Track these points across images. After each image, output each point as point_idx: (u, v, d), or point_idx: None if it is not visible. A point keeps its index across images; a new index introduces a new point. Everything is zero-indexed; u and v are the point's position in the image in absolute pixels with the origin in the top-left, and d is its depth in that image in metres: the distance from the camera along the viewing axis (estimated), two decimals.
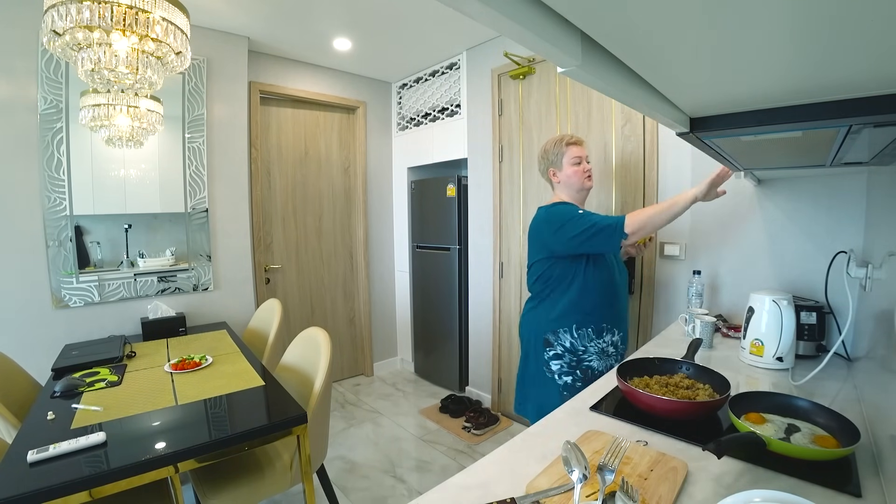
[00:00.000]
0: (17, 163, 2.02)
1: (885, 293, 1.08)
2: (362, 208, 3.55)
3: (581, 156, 1.65)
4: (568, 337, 1.59)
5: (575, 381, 1.59)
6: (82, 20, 1.24)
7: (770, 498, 0.57)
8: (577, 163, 1.64)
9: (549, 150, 1.68)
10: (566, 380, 1.60)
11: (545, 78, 2.50)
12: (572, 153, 1.64)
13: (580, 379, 1.59)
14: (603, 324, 1.60)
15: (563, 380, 1.60)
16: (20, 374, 1.79)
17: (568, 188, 1.67)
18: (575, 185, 1.65)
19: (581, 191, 1.67)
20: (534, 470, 0.80)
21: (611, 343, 1.62)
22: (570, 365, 1.60)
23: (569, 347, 1.59)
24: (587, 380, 1.57)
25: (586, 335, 1.59)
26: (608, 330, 1.61)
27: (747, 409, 0.96)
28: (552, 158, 1.67)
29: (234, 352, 2.01)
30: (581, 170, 1.64)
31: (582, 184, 1.65)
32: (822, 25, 0.36)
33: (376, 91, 3.58)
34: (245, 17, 2.43)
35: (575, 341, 1.59)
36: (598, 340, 1.60)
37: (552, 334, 1.62)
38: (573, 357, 1.59)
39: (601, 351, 1.60)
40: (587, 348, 1.59)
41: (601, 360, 1.61)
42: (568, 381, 1.60)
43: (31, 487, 1.00)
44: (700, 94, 0.61)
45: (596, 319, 1.60)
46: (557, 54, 0.43)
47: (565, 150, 1.65)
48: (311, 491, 1.47)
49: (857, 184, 1.43)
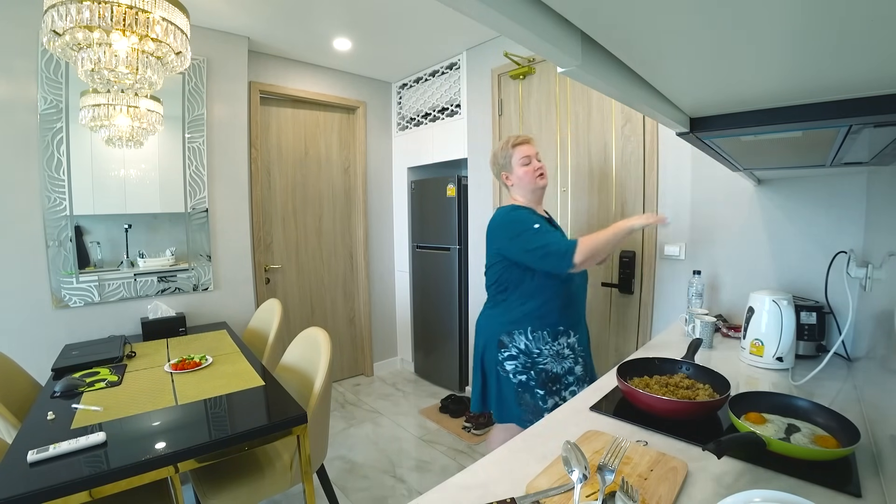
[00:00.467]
0: (17, 163, 2.02)
1: (885, 293, 1.08)
2: (362, 208, 3.55)
3: (530, 154, 1.62)
4: (523, 339, 1.58)
5: (529, 381, 1.59)
6: (82, 20, 1.24)
7: (770, 498, 0.57)
8: (526, 163, 1.61)
9: (498, 154, 1.67)
10: (521, 378, 1.59)
11: (545, 78, 2.50)
12: (520, 153, 1.62)
13: (534, 379, 1.58)
14: (559, 327, 1.59)
15: (517, 378, 1.59)
16: (20, 374, 1.79)
17: (522, 189, 1.65)
18: (527, 185, 1.63)
19: (535, 190, 1.64)
20: (534, 470, 0.80)
21: (566, 345, 1.60)
22: (525, 366, 1.58)
23: (523, 349, 1.58)
24: (542, 381, 1.58)
25: (541, 338, 1.57)
26: (564, 333, 1.60)
27: (747, 409, 0.96)
28: (502, 162, 1.65)
29: (234, 352, 2.00)
30: (531, 169, 1.62)
31: (534, 183, 1.62)
32: (822, 26, 0.36)
33: (376, 91, 3.58)
34: (245, 17, 2.43)
35: (530, 343, 1.57)
36: (553, 343, 1.58)
37: (507, 336, 1.60)
38: (528, 359, 1.58)
39: (556, 354, 1.59)
40: (542, 351, 1.57)
41: (557, 362, 1.59)
42: (522, 379, 1.59)
43: (31, 487, 1.00)
44: (700, 94, 0.61)
45: (552, 323, 1.58)
46: (557, 54, 0.43)
47: (513, 152, 1.62)
48: (311, 491, 1.47)
49: (857, 184, 1.43)
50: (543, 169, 1.64)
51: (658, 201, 2.04)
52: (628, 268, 2.14)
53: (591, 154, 2.30)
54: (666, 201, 2.02)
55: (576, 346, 1.62)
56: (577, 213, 2.39)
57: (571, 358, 1.61)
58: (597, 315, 2.32)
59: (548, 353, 1.58)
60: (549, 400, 1.57)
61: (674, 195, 1.99)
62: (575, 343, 1.62)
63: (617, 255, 2.21)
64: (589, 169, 2.32)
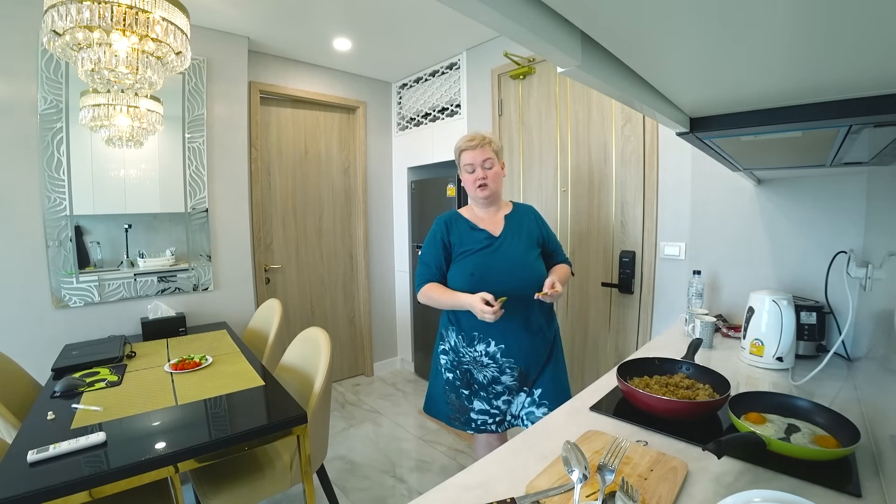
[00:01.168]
0: (17, 163, 2.02)
1: (885, 293, 1.08)
2: (362, 208, 3.55)
3: (474, 162, 1.52)
4: (453, 335, 1.58)
5: (455, 380, 1.57)
6: (82, 20, 1.24)
7: (770, 498, 0.57)
8: (469, 171, 1.54)
9: (455, 154, 1.60)
10: (448, 376, 1.59)
11: (545, 78, 2.50)
12: (464, 160, 1.54)
13: (459, 379, 1.57)
14: (473, 332, 1.53)
15: (446, 375, 1.59)
16: (20, 374, 1.79)
17: (468, 194, 1.61)
18: (470, 193, 1.59)
19: (475, 198, 1.58)
20: (534, 470, 0.80)
21: (485, 353, 1.52)
22: (453, 363, 1.58)
23: (452, 346, 1.59)
24: (466, 383, 1.56)
25: (462, 340, 1.56)
26: (480, 339, 1.53)
27: (747, 409, 0.96)
28: (456, 163, 1.60)
29: (234, 352, 2.00)
30: (472, 178, 1.53)
31: (474, 193, 1.55)
32: (823, 26, 0.36)
33: (376, 91, 3.58)
34: (245, 17, 2.43)
35: (458, 341, 1.57)
36: (469, 349, 1.55)
37: (444, 329, 1.63)
38: (455, 356, 1.58)
39: (474, 360, 1.54)
40: (464, 354, 1.56)
41: (477, 369, 1.55)
42: (450, 377, 1.58)
43: (31, 487, 1.00)
44: (700, 94, 0.61)
45: (466, 327, 1.54)
46: (557, 54, 0.43)
47: (459, 157, 1.56)
48: (311, 491, 1.47)
49: (857, 184, 1.43)
50: (486, 179, 1.52)
51: (658, 201, 2.04)
52: (628, 268, 2.14)
53: (591, 154, 2.30)
54: (666, 201, 2.02)
55: (498, 357, 1.51)
56: (577, 213, 2.39)
57: (494, 367, 1.53)
58: (597, 315, 2.32)
59: (468, 358, 1.55)
60: (476, 402, 1.55)
61: (674, 195, 1.99)
62: (497, 353, 1.51)
63: (617, 255, 2.21)
64: (589, 169, 2.32)
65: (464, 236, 1.55)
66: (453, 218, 1.61)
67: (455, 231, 1.57)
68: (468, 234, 1.56)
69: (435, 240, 1.57)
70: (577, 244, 2.40)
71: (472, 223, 1.58)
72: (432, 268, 1.56)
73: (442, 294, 1.50)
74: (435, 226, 1.61)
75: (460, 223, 1.59)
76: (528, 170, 2.63)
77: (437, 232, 1.58)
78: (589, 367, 2.37)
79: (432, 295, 1.52)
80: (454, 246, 1.56)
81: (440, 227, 1.59)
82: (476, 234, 1.55)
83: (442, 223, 1.59)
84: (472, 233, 1.56)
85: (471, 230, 1.57)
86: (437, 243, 1.56)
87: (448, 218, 1.61)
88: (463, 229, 1.57)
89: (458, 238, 1.55)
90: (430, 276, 1.56)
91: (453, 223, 1.59)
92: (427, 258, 1.58)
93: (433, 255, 1.56)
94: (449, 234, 1.56)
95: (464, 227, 1.58)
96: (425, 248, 1.60)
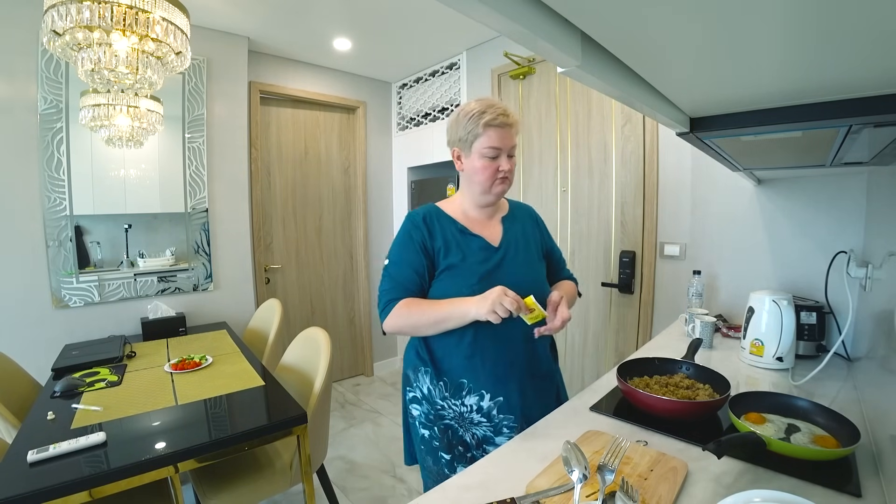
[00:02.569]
0: (17, 163, 2.02)
1: (885, 293, 1.08)
2: (362, 208, 3.55)
3: (501, 146, 1.08)
4: (427, 381, 1.13)
5: (433, 439, 1.12)
6: (82, 20, 1.24)
7: (770, 498, 0.57)
8: (491, 155, 1.09)
9: (461, 123, 1.10)
10: (424, 433, 1.14)
11: (545, 78, 2.50)
12: (488, 140, 1.07)
13: (438, 438, 1.11)
14: (461, 379, 1.11)
15: (421, 431, 1.15)
16: (20, 374, 1.79)
17: (470, 186, 1.15)
18: (478, 187, 1.12)
19: (485, 195, 1.14)
20: (534, 470, 0.80)
21: (476, 409, 1.10)
22: (428, 417, 1.13)
23: (426, 394, 1.14)
24: (448, 443, 1.11)
25: (442, 388, 1.12)
26: (472, 391, 1.10)
27: (747, 409, 0.96)
28: (461, 135, 1.11)
29: (234, 352, 2.01)
30: (494, 168, 1.09)
31: (489, 188, 1.12)
32: (822, 26, 0.36)
33: (376, 91, 3.58)
34: (245, 17, 2.43)
35: (434, 390, 1.13)
36: (453, 400, 1.11)
37: (412, 371, 1.17)
38: (430, 408, 1.13)
39: (460, 416, 1.11)
40: (445, 407, 1.12)
41: (463, 427, 1.11)
42: (425, 434, 1.13)
43: (31, 487, 1.00)
44: (700, 94, 0.61)
45: (449, 371, 1.11)
46: (557, 54, 0.43)
47: (482, 132, 1.07)
48: (311, 491, 1.47)
49: (857, 184, 1.43)
50: (510, 172, 1.12)
51: (658, 201, 2.04)
52: (628, 268, 2.14)
53: (591, 154, 2.30)
54: (666, 201, 2.02)
55: (494, 413, 1.11)
56: (577, 213, 2.39)
57: (487, 426, 1.11)
58: (597, 315, 2.33)
59: (451, 413, 1.12)
60: (460, 467, 1.10)
61: (674, 195, 1.99)
62: (493, 409, 1.11)
63: (617, 255, 2.21)
64: (589, 169, 2.32)
65: (451, 242, 1.12)
66: (433, 215, 1.16)
67: (439, 233, 1.13)
68: (458, 239, 1.13)
69: (410, 243, 1.11)
70: (577, 244, 2.40)
71: (462, 225, 1.15)
72: (406, 283, 1.10)
73: (429, 309, 1.05)
74: (408, 224, 1.14)
75: (445, 223, 1.15)
76: (527, 170, 2.63)
77: (412, 232, 1.12)
78: (589, 367, 2.37)
79: (413, 314, 1.06)
80: (438, 253, 1.11)
81: (416, 226, 1.13)
82: (469, 242, 1.13)
83: (419, 220, 1.13)
84: (464, 238, 1.14)
85: (461, 234, 1.14)
86: (413, 248, 1.11)
87: (427, 214, 1.15)
88: (449, 232, 1.13)
89: (444, 243, 1.12)
90: (402, 293, 1.09)
91: (435, 222, 1.14)
92: (397, 270, 1.11)
93: (408, 265, 1.10)
94: (431, 237, 1.12)
95: (450, 228, 1.14)
96: (395, 256, 1.13)
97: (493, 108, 1.08)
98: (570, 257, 2.42)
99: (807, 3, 0.32)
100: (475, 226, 1.17)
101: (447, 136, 1.17)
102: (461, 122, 1.11)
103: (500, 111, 1.08)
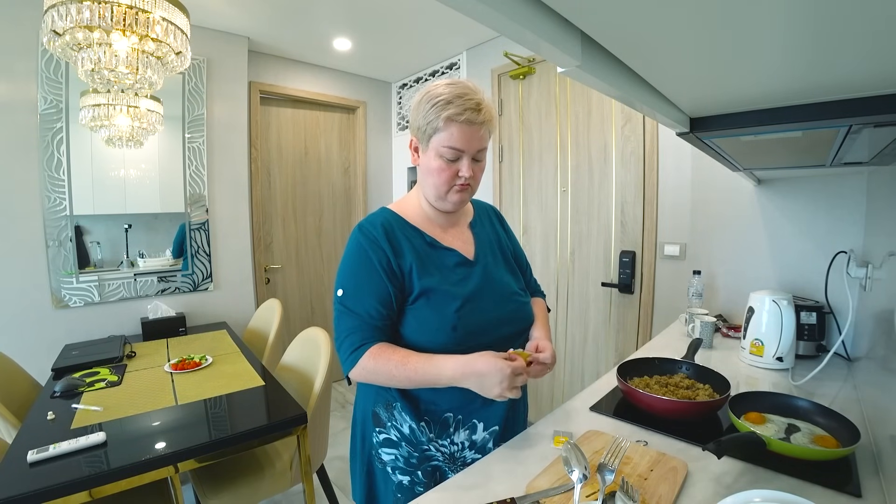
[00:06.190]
0: (17, 163, 2.02)
1: (885, 293, 1.08)
2: (362, 208, 3.55)
3: (464, 149, 0.88)
4: (408, 420, 0.94)
5: (416, 485, 0.94)
6: (82, 20, 1.24)
7: (770, 498, 0.57)
8: (452, 157, 0.88)
9: (423, 108, 0.89)
10: (402, 479, 0.95)
11: (545, 78, 2.50)
12: (451, 137, 0.87)
13: (423, 483, 0.93)
14: (447, 414, 0.93)
15: (398, 478, 0.95)
16: (20, 374, 1.79)
17: (424, 188, 0.96)
18: (431, 190, 0.94)
19: (440, 200, 0.94)
20: (534, 470, 0.80)
21: (468, 444, 0.94)
22: (410, 463, 0.94)
23: (407, 435, 0.94)
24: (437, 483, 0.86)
25: (425, 429, 0.93)
26: (461, 424, 0.94)
27: (747, 409, 0.96)
28: (421, 124, 0.90)
29: (234, 352, 2.01)
30: (451, 173, 0.90)
31: (443, 194, 0.92)
32: (822, 26, 0.36)
33: (376, 91, 3.58)
34: (245, 17, 2.43)
35: (417, 430, 0.94)
36: (440, 441, 0.93)
37: (384, 409, 0.96)
38: (413, 450, 0.94)
39: (451, 457, 0.94)
40: (432, 448, 0.94)
41: (455, 468, 0.94)
42: (404, 481, 0.94)
43: (31, 487, 1.00)
44: (700, 94, 0.61)
45: (431, 405, 0.93)
46: (557, 54, 0.43)
47: (442, 127, 0.87)
48: (311, 491, 1.48)
49: (857, 184, 1.43)
50: (473, 180, 0.92)
51: (658, 201, 2.05)
52: (628, 268, 2.14)
53: (591, 154, 2.30)
54: (666, 201, 2.02)
55: (489, 447, 0.95)
56: (577, 213, 2.39)
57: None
58: (597, 315, 2.32)
59: (442, 454, 0.94)
60: None
61: (674, 195, 1.99)
62: (489, 441, 0.95)
63: (617, 255, 2.21)
64: (589, 169, 2.32)
65: (425, 259, 0.92)
66: (394, 224, 0.94)
67: (407, 248, 0.92)
68: (430, 254, 0.94)
69: (369, 265, 0.89)
70: (577, 244, 2.40)
71: (430, 237, 0.96)
72: (371, 319, 0.88)
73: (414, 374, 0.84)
74: (362, 240, 0.90)
75: (410, 234, 0.94)
76: (528, 170, 2.63)
77: (370, 251, 0.89)
78: (589, 367, 2.37)
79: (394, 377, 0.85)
80: (409, 274, 0.90)
81: (374, 242, 0.90)
82: (442, 257, 0.95)
83: (378, 234, 0.90)
84: (435, 253, 0.95)
85: (430, 248, 0.95)
86: (373, 271, 0.88)
87: (385, 224, 0.93)
88: (418, 245, 0.93)
89: (416, 259, 0.91)
90: (369, 333, 0.88)
91: (398, 233, 0.93)
92: (356, 303, 0.88)
93: (370, 295, 0.88)
94: (397, 254, 0.90)
95: (417, 241, 0.94)
96: (349, 285, 0.90)
97: (462, 100, 0.86)
98: (570, 257, 2.42)
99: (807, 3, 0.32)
100: (444, 236, 0.98)
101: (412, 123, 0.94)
102: (423, 107, 0.89)
103: (470, 105, 0.86)
